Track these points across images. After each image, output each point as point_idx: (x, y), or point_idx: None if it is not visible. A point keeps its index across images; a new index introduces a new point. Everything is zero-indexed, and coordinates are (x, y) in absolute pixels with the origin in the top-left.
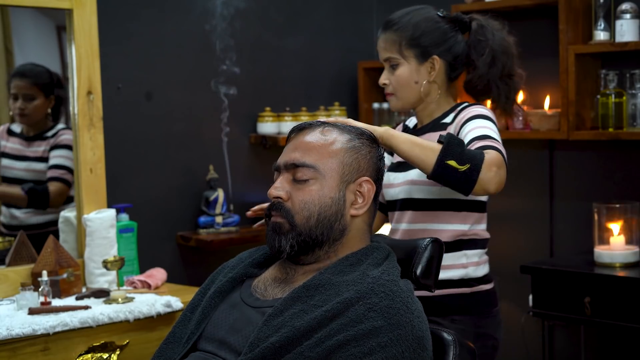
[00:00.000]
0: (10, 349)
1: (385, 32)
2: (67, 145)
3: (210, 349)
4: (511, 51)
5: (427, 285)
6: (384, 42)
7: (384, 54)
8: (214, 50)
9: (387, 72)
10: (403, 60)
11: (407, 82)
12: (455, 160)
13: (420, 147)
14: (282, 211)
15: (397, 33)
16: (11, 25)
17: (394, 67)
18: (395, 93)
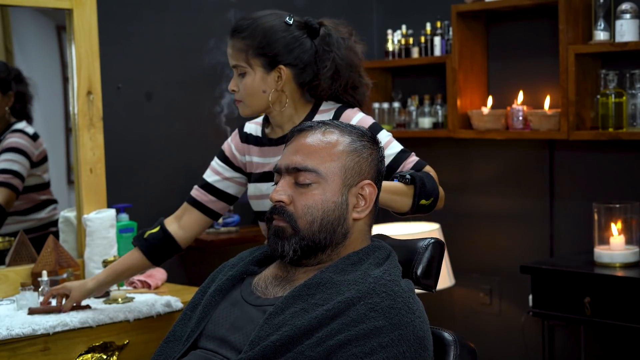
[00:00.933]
0: (10, 349)
1: (232, 39)
2: (13, 148)
3: (211, 347)
4: (356, 63)
5: (427, 285)
6: (231, 49)
7: (231, 60)
8: (214, 50)
9: (236, 79)
10: (250, 69)
11: (254, 91)
12: (424, 198)
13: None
14: (284, 215)
15: (244, 41)
16: (11, 25)
17: (241, 75)
18: (243, 100)
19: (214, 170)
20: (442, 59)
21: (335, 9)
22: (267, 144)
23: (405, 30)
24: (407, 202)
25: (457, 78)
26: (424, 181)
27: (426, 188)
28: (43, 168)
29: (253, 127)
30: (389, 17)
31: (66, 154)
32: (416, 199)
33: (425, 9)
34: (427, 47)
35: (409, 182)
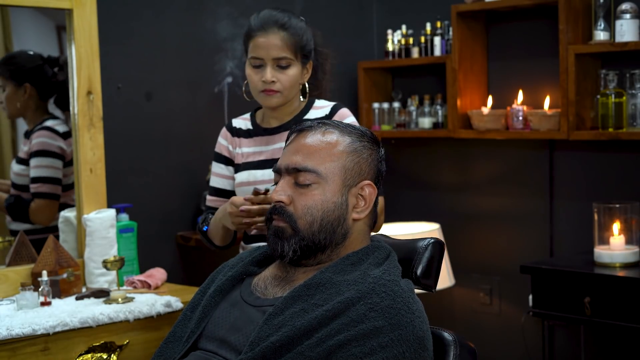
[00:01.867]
0: (10, 349)
1: (282, 32)
2: (41, 150)
3: (211, 348)
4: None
5: (427, 285)
6: (281, 42)
7: (277, 52)
8: (214, 50)
9: (274, 70)
10: (295, 62)
11: (295, 83)
12: None
13: None
14: (284, 215)
15: (293, 36)
16: (11, 25)
17: (284, 67)
18: (283, 91)
19: (219, 175)
20: (442, 59)
21: (335, 9)
22: (262, 133)
23: (405, 30)
24: None
25: (457, 78)
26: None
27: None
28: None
29: (240, 122)
30: (389, 17)
31: None
32: None
33: (425, 9)
34: (427, 47)
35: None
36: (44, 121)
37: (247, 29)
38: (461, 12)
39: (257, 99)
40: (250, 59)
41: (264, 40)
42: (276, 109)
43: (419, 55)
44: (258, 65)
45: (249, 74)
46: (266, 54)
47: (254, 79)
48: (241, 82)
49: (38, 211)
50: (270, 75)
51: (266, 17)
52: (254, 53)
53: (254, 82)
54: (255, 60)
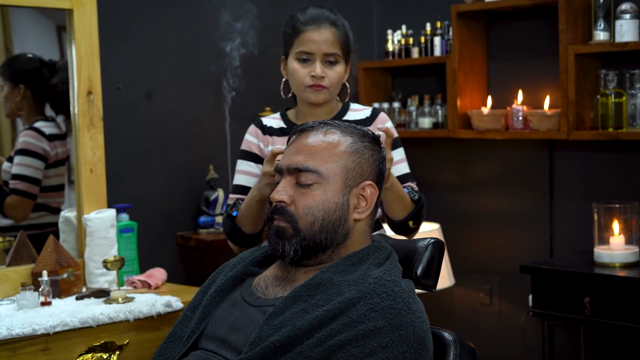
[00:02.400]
0: (10, 349)
1: (333, 28)
2: (24, 149)
3: (211, 348)
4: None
5: (427, 285)
6: (333, 37)
7: (328, 48)
8: (214, 50)
9: (323, 66)
10: (342, 59)
11: (341, 80)
12: (412, 221)
13: (400, 204)
14: (285, 215)
15: (342, 33)
16: (11, 25)
17: (332, 63)
18: (330, 88)
19: (247, 173)
20: (442, 59)
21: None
22: None
23: (405, 30)
24: (403, 210)
25: (457, 78)
26: (424, 208)
27: (421, 214)
28: (55, 172)
29: (270, 120)
30: (389, 17)
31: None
32: (409, 215)
33: (425, 9)
34: (427, 47)
35: (415, 198)
36: (34, 122)
37: (294, 23)
38: (461, 12)
39: (301, 94)
40: (296, 53)
41: (317, 35)
42: (317, 107)
43: (419, 56)
44: (305, 59)
45: (295, 68)
46: (317, 48)
47: (301, 74)
48: (241, 82)
49: (12, 207)
50: (321, 70)
51: (317, 13)
52: (303, 47)
53: (301, 76)
54: (303, 55)
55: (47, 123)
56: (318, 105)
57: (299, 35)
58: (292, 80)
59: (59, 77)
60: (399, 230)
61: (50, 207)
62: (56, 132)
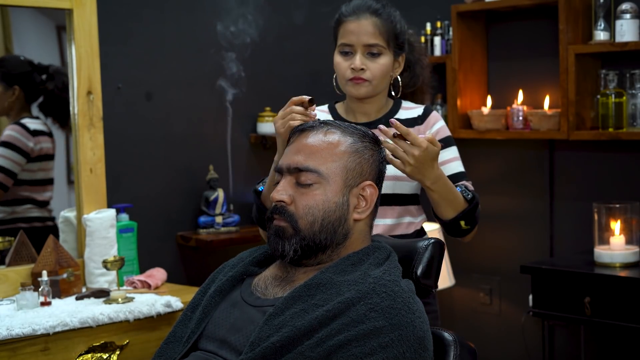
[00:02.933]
0: (10, 349)
1: (374, 17)
2: (6, 142)
3: (211, 349)
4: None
5: (427, 285)
6: (373, 27)
7: (368, 39)
8: (214, 50)
9: (364, 58)
10: (387, 50)
11: (386, 73)
12: (465, 221)
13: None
14: (285, 215)
15: (386, 23)
16: (11, 25)
17: (375, 55)
18: (373, 80)
19: None
20: (442, 59)
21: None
22: None
23: None
24: (452, 210)
25: (457, 78)
26: (478, 208)
27: (475, 214)
28: (38, 166)
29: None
30: None
31: (66, 154)
32: (461, 214)
33: (425, 9)
34: (427, 47)
35: (468, 197)
36: (21, 118)
37: (338, 15)
38: (461, 12)
39: (343, 88)
40: (339, 45)
41: (355, 26)
42: (363, 101)
43: None
44: (347, 52)
45: (338, 61)
46: (357, 39)
47: (342, 66)
48: (241, 82)
49: None
50: (360, 62)
51: (359, 3)
52: (343, 39)
53: (342, 69)
54: (344, 47)
55: (33, 120)
56: (365, 101)
57: (341, 26)
58: (336, 73)
59: (54, 83)
60: (450, 230)
61: (37, 201)
62: (41, 128)
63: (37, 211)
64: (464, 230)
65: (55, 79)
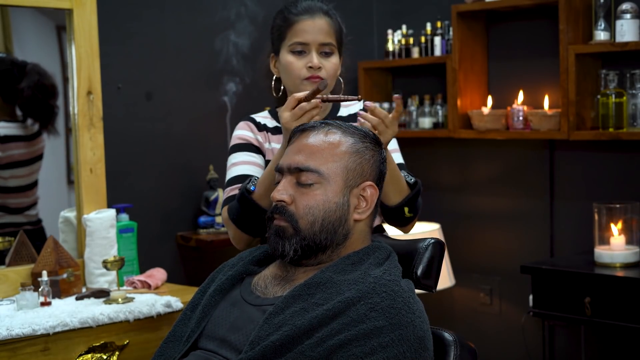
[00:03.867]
0: (10, 349)
1: (327, 17)
2: None
3: (211, 348)
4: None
5: (427, 285)
6: (328, 27)
7: (324, 37)
8: (214, 50)
9: (319, 57)
10: (336, 50)
11: (337, 72)
12: (408, 208)
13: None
14: (285, 215)
15: (336, 24)
16: (11, 25)
17: (328, 54)
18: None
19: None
20: (442, 59)
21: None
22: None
23: (405, 30)
24: (397, 197)
25: (457, 78)
26: (420, 196)
27: (418, 202)
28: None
29: (261, 118)
30: (389, 17)
31: (66, 154)
32: (405, 200)
33: (425, 9)
34: (427, 47)
35: (411, 181)
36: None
37: (286, 15)
38: (461, 12)
39: (297, 89)
40: (291, 45)
41: (310, 24)
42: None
43: (419, 55)
44: (300, 51)
45: (290, 61)
46: (313, 38)
47: (297, 66)
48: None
49: None
50: (317, 61)
51: (309, 4)
52: (297, 38)
53: (296, 69)
54: (297, 46)
55: (10, 124)
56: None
57: (292, 26)
58: (287, 74)
59: (27, 81)
60: (394, 218)
61: (9, 208)
62: (16, 133)
63: (10, 217)
64: (407, 218)
65: (28, 77)
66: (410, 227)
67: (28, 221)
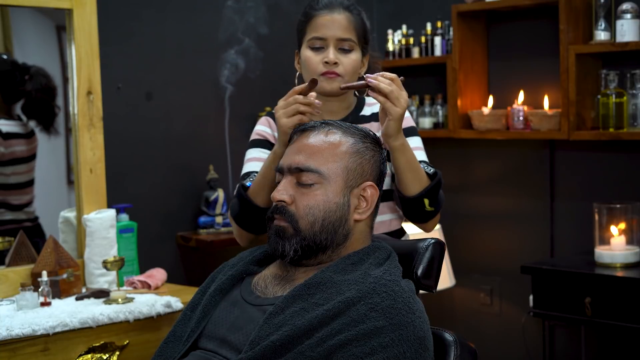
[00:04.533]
0: (10, 349)
1: (347, 13)
2: None
3: (211, 347)
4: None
5: (428, 285)
6: (346, 22)
7: (342, 33)
8: (214, 50)
9: (337, 53)
10: (357, 46)
11: (356, 69)
12: (429, 200)
13: (413, 173)
14: (286, 215)
15: (357, 19)
16: (11, 25)
17: (347, 50)
18: (344, 76)
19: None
20: (443, 59)
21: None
22: None
23: (405, 30)
24: (416, 186)
25: (457, 78)
26: (440, 186)
27: (439, 192)
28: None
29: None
30: (389, 17)
31: (66, 154)
32: (425, 191)
33: (425, 9)
34: (427, 47)
35: (430, 171)
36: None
37: (307, 10)
38: (461, 12)
39: None
40: (309, 40)
41: (329, 19)
42: (332, 100)
43: (419, 55)
44: (319, 47)
45: (308, 56)
46: (331, 33)
47: (314, 61)
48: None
49: None
50: (334, 55)
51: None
52: (315, 33)
53: (313, 64)
54: (316, 42)
55: (9, 122)
56: (335, 98)
57: (312, 20)
58: (305, 70)
59: (33, 84)
60: (414, 212)
61: (11, 205)
62: (16, 130)
63: (10, 214)
64: (428, 212)
65: (34, 80)
66: (432, 224)
67: (27, 218)
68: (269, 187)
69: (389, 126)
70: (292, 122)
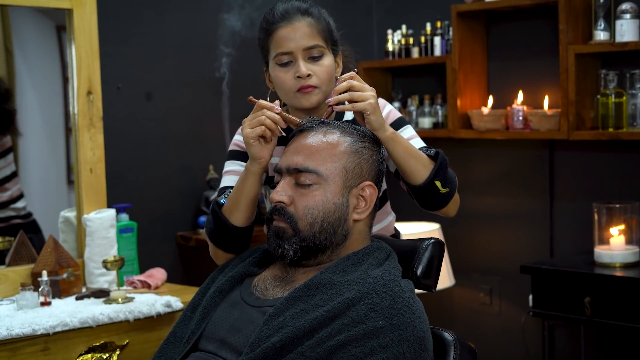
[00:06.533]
0: (10, 349)
1: (308, 18)
2: None
3: (211, 349)
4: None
5: (427, 285)
6: (309, 28)
7: (308, 41)
8: (214, 50)
9: (307, 63)
10: (327, 50)
11: (331, 75)
12: (440, 181)
13: (415, 159)
14: (285, 216)
15: (319, 22)
16: (11, 25)
17: (317, 57)
18: (321, 86)
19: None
20: (442, 59)
21: (336, 9)
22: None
23: (405, 30)
24: (422, 171)
25: (457, 78)
26: (446, 164)
27: (447, 171)
28: None
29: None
30: (389, 17)
31: (66, 154)
32: (433, 173)
33: (425, 9)
34: (427, 47)
35: (431, 152)
36: None
37: (264, 26)
38: (461, 12)
39: (292, 102)
40: (275, 57)
41: (290, 30)
42: (313, 112)
43: (419, 55)
44: (286, 62)
45: (277, 75)
46: (295, 45)
47: (285, 79)
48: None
49: None
50: (305, 68)
51: (285, 7)
52: (280, 48)
53: (286, 82)
54: (282, 57)
55: None
56: (313, 110)
57: (272, 35)
58: (279, 89)
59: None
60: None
61: None
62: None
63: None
64: (443, 195)
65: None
66: (453, 206)
67: (17, 215)
68: (244, 204)
69: (370, 121)
70: (255, 133)
